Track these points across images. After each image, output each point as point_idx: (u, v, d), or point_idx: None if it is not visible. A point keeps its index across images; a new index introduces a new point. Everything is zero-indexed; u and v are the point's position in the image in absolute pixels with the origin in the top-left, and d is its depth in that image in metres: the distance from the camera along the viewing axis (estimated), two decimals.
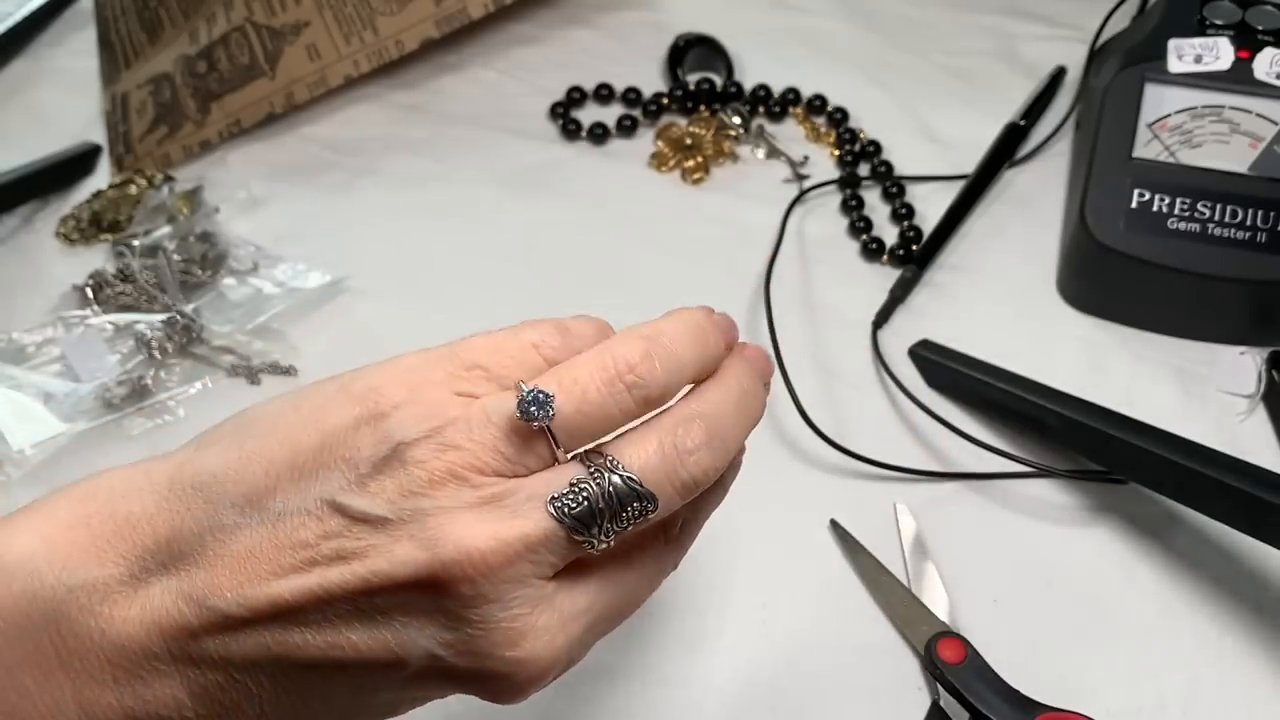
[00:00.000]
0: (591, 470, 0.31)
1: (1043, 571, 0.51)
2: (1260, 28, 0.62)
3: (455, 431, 0.30)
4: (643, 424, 0.32)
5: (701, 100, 0.71)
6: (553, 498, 0.30)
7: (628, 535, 0.32)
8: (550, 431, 0.31)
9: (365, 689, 0.31)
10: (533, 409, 0.30)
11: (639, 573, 0.34)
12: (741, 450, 0.35)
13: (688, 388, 0.34)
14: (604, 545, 0.31)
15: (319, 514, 0.30)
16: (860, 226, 0.64)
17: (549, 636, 0.31)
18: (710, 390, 0.34)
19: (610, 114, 0.71)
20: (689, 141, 0.69)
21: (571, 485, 0.30)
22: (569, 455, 0.31)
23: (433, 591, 0.29)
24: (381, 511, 0.29)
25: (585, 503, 0.30)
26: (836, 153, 0.69)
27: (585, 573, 0.32)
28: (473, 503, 0.30)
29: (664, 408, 0.33)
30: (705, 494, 0.33)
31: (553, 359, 0.33)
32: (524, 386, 0.30)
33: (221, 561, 0.30)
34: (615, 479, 0.31)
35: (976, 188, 0.66)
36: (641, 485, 0.31)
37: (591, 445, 0.32)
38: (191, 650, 0.30)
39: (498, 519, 0.30)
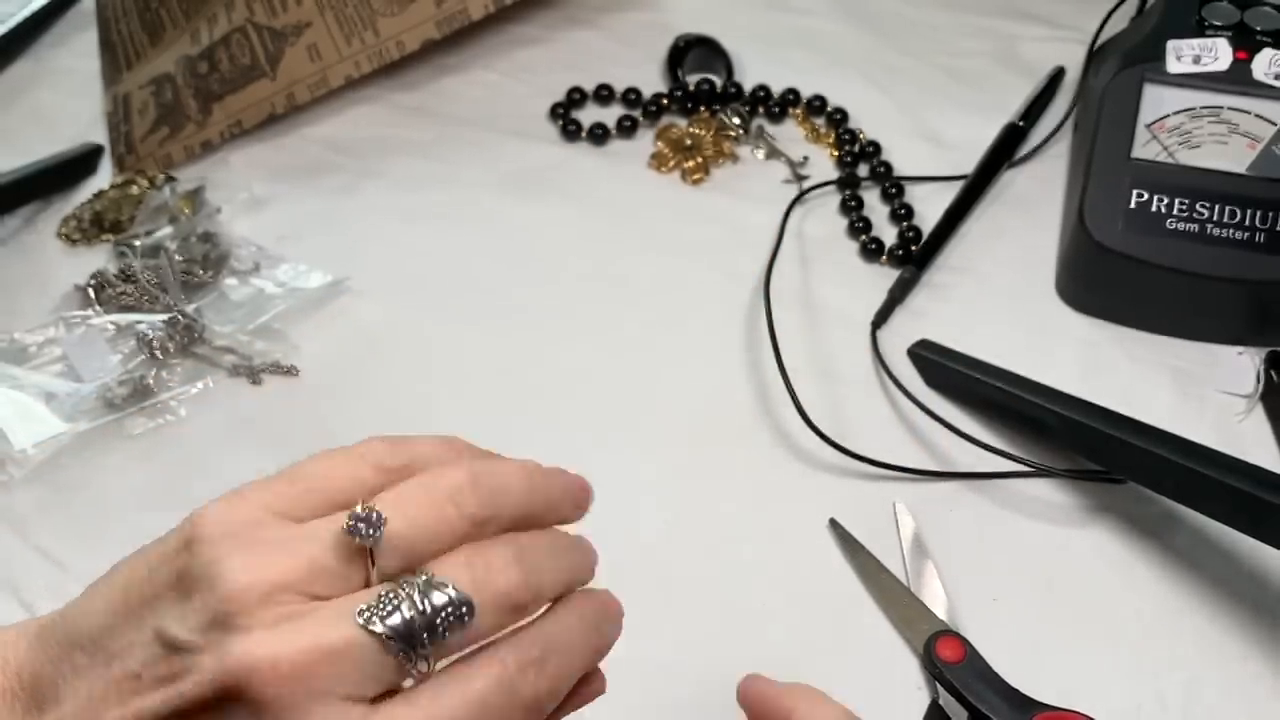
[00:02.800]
0: (401, 583, 0.30)
1: (1042, 571, 0.52)
2: (1259, 28, 0.62)
3: (272, 553, 0.30)
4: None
5: (701, 101, 0.71)
6: (360, 609, 0.29)
7: (453, 648, 0.30)
8: (371, 553, 0.30)
9: None
10: (361, 525, 0.29)
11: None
12: (594, 667, 0.34)
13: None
14: (423, 662, 0.29)
15: (145, 644, 0.30)
16: (859, 227, 0.65)
17: None
18: (526, 534, 0.32)
19: (610, 115, 0.71)
20: (689, 142, 0.69)
21: (380, 596, 0.29)
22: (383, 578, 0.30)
23: (235, 707, 0.29)
24: (191, 635, 0.29)
25: (395, 610, 0.29)
26: (836, 153, 0.69)
27: (411, 704, 0.30)
28: (280, 618, 0.29)
29: None
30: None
31: (388, 480, 0.32)
32: (357, 507, 0.30)
33: (74, 704, 0.30)
34: (424, 582, 0.30)
35: (975, 188, 0.66)
36: (453, 588, 0.30)
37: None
38: None
39: (300, 629, 0.29)
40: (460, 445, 0.34)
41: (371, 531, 0.29)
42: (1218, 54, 0.61)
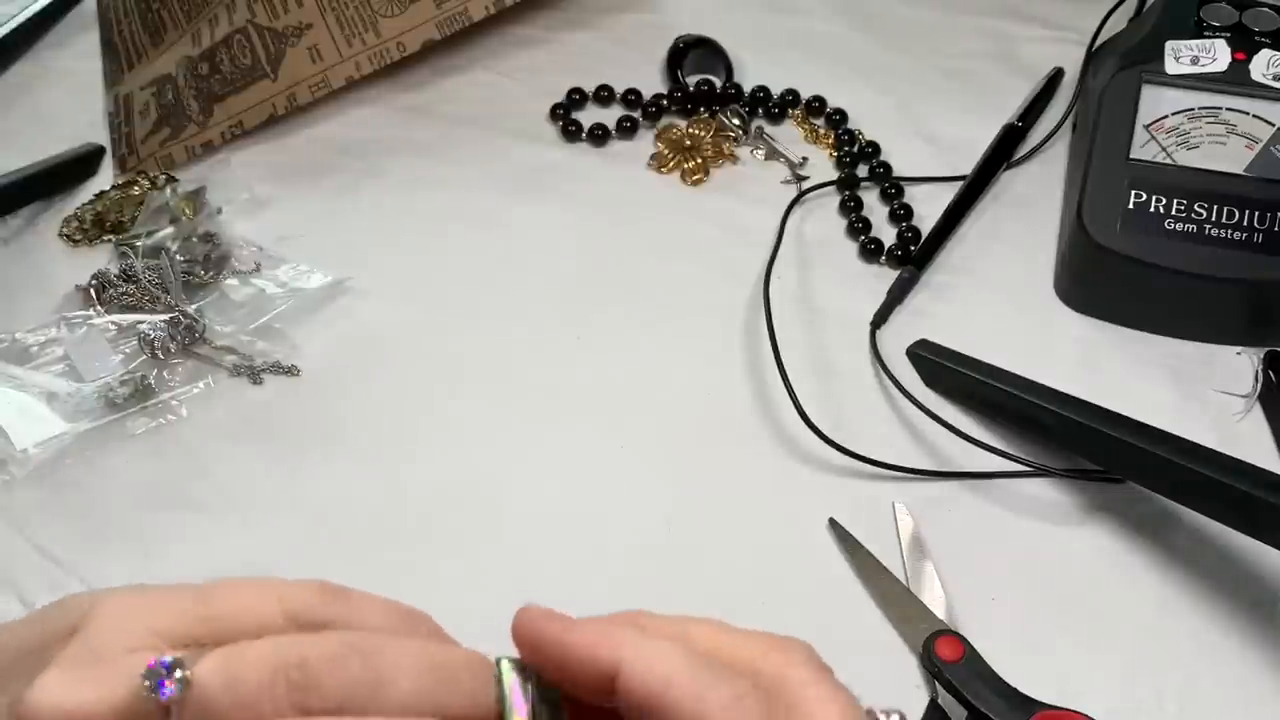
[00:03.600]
0: None
1: (1040, 570, 0.52)
2: (1257, 29, 0.62)
3: (85, 682, 0.26)
4: None
5: (701, 102, 0.71)
6: None
7: None
8: (173, 710, 0.26)
9: None
10: (154, 679, 0.25)
11: None
12: None
13: None
14: None
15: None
16: (859, 227, 0.65)
17: None
18: None
19: (610, 115, 0.71)
20: (689, 143, 0.69)
21: None
22: None
23: None
24: None
25: None
26: (835, 154, 0.69)
27: None
28: None
29: None
30: None
31: (304, 621, 0.28)
32: (161, 655, 0.26)
33: None
34: None
35: (974, 189, 0.66)
36: None
37: None
38: None
39: None
40: (417, 620, 0.29)
41: (165, 688, 0.25)
42: (1216, 55, 0.62)
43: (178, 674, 0.25)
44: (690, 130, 0.70)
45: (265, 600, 0.28)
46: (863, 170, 0.68)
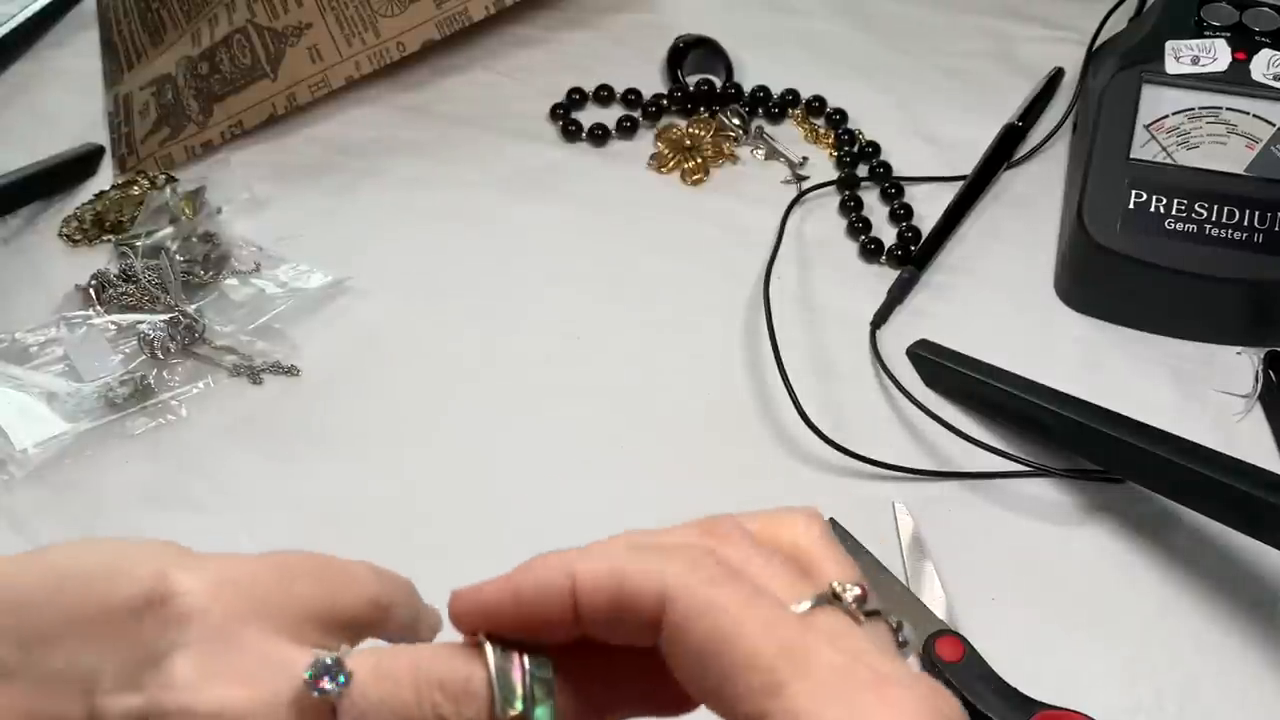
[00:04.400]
0: None
1: (1040, 570, 0.52)
2: (1257, 29, 0.62)
3: (238, 681, 0.26)
4: None
5: (701, 102, 0.71)
6: None
7: None
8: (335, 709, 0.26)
9: None
10: (320, 681, 0.26)
11: None
12: None
13: None
14: None
15: (71, 693, 0.27)
16: (859, 227, 0.65)
17: None
18: None
19: (610, 115, 0.71)
20: (689, 143, 0.69)
21: None
22: None
23: None
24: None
25: None
26: (835, 154, 0.69)
27: None
28: None
29: None
30: None
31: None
32: (322, 655, 0.26)
33: None
34: None
35: (974, 188, 0.66)
36: None
37: None
38: None
39: None
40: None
41: (330, 688, 0.26)
42: (1216, 54, 0.62)
43: (335, 673, 0.26)
44: (690, 130, 0.70)
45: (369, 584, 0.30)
46: (863, 170, 0.68)
